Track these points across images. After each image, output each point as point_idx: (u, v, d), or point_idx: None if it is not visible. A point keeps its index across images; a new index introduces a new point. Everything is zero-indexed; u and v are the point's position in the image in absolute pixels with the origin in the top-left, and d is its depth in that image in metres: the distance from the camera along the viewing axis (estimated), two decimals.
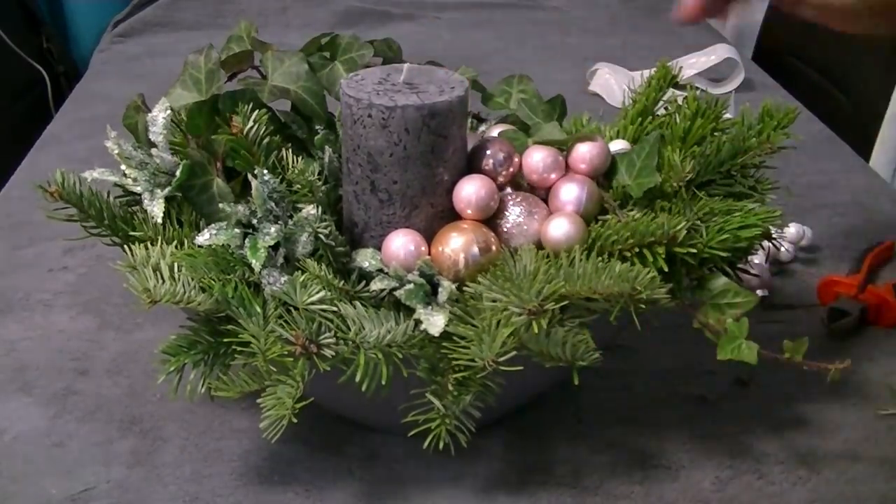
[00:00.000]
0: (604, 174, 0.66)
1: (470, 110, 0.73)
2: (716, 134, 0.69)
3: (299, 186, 0.62)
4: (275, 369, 0.56)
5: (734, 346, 0.58)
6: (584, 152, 0.65)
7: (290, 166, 0.63)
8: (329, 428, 0.70)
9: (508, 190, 0.64)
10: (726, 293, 0.60)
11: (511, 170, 0.64)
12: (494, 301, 0.55)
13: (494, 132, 0.69)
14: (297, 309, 0.56)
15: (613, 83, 1.33)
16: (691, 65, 1.35)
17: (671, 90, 0.73)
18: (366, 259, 0.60)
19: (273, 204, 0.61)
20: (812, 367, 0.58)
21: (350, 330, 0.56)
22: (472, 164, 0.64)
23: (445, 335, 0.56)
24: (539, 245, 0.61)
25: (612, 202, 0.64)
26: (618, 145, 0.69)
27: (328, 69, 0.70)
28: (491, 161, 0.64)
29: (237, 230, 0.60)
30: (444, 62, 0.74)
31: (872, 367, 0.77)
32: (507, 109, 0.73)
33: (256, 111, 0.64)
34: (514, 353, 0.54)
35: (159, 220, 0.63)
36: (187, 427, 0.70)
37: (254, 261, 0.58)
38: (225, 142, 0.64)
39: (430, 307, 0.57)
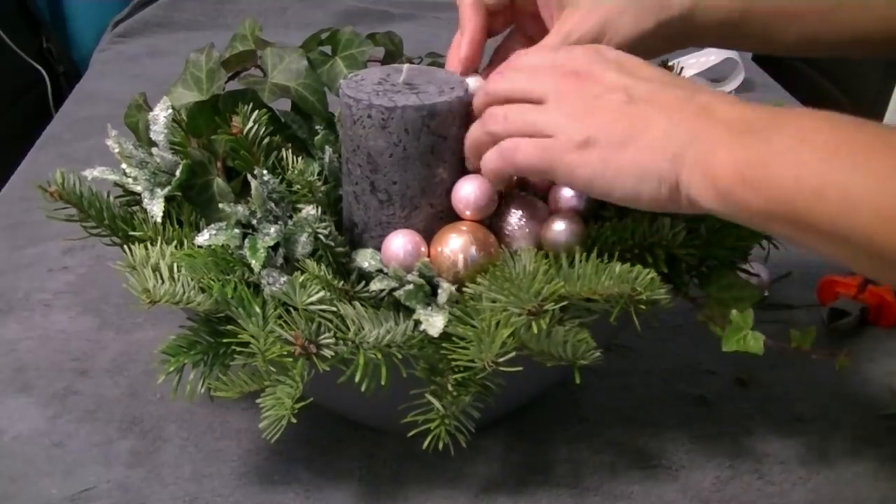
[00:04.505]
0: None
1: None
2: None
3: (299, 186, 0.62)
4: (274, 369, 0.56)
5: (739, 338, 0.58)
6: None
7: (290, 166, 0.63)
8: (329, 428, 0.70)
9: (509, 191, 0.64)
10: (731, 287, 0.60)
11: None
12: (494, 302, 0.55)
13: None
14: (296, 309, 0.56)
15: None
16: (691, 65, 1.35)
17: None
18: (365, 259, 0.60)
19: (273, 204, 0.61)
20: (820, 355, 0.58)
21: (349, 330, 0.56)
22: None
23: (445, 336, 0.56)
24: (540, 246, 0.61)
25: None
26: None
27: (328, 65, 0.70)
28: None
29: (237, 230, 0.60)
30: (443, 61, 0.74)
31: (872, 367, 0.77)
32: None
33: (256, 111, 0.64)
34: (513, 353, 0.54)
35: (159, 220, 0.63)
36: (187, 427, 0.70)
37: (253, 261, 0.58)
38: (225, 142, 0.64)
39: (429, 308, 0.57)
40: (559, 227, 0.60)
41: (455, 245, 0.59)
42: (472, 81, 0.63)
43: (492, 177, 0.58)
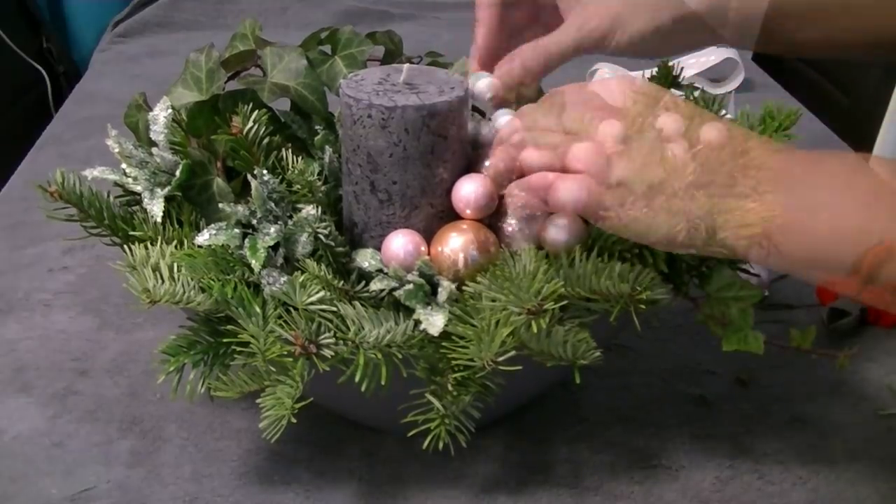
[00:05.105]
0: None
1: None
2: None
3: (299, 186, 0.62)
4: (274, 369, 0.56)
5: (740, 337, 0.59)
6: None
7: (290, 166, 0.63)
8: (329, 428, 0.70)
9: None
10: (731, 286, 0.60)
11: (513, 175, 0.64)
12: (494, 301, 0.55)
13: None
14: (296, 309, 0.56)
15: None
16: (691, 65, 1.35)
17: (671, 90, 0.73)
18: (365, 259, 0.60)
19: (273, 204, 0.61)
20: (820, 355, 0.58)
21: (349, 330, 0.56)
22: (472, 163, 0.64)
23: (445, 335, 0.56)
24: (540, 246, 0.61)
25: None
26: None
27: (328, 65, 0.70)
28: None
29: (237, 230, 0.60)
30: (444, 61, 0.74)
31: (872, 367, 0.77)
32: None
33: (256, 111, 0.64)
34: (513, 352, 0.54)
35: (159, 220, 0.63)
36: (187, 427, 0.70)
37: (253, 261, 0.58)
38: (225, 142, 0.64)
39: (429, 307, 0.57)
40: (559, 227, 0.60)
41: (455, 244, 0.59)
42: (502, 114, 0.63)
43: (514, 210, 0.58)
